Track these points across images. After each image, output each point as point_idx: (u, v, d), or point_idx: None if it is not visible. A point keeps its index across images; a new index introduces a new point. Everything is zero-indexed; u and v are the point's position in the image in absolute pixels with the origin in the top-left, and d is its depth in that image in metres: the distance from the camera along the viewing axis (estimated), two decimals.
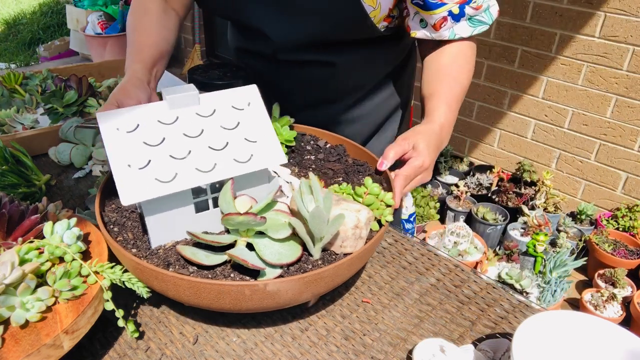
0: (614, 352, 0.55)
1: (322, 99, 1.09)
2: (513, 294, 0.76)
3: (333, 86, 1.06)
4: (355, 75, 1.05)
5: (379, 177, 0.82)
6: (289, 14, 0.92)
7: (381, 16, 0.92)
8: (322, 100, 1.09)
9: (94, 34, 4.01)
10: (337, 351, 0.65)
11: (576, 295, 2.15)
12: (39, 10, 5.41)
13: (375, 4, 0.89)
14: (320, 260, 0.63)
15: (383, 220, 0.69)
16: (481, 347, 0.65)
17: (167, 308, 0.70)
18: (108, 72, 1.54)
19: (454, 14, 0.88)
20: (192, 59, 4.05)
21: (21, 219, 0.66)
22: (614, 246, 2.14)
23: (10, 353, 0.52)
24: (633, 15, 2.04)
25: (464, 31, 0.91)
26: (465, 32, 0.91)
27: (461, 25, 0.91)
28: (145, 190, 0.59)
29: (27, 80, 1.34)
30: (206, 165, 0.63)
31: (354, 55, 1.00)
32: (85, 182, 1.00)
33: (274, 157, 0.66)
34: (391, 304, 0.73)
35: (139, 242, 0.65)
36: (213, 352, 0.64)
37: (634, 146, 2.18)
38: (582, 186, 2.41)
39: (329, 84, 1.06)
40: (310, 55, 1.00)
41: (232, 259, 0.60)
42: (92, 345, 0.64)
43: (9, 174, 0.89)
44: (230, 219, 0.59)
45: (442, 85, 0.91)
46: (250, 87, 0.71)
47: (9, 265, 0.56)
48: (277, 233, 0.62)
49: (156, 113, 0.64)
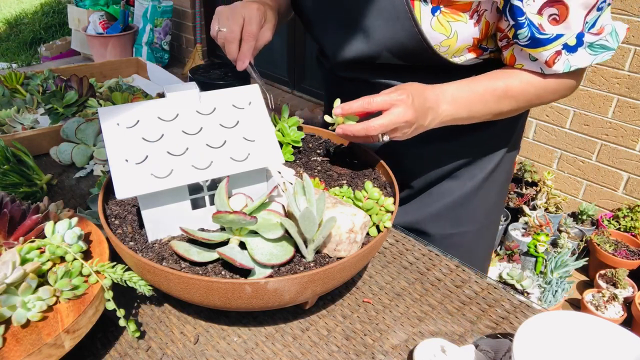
0: (615, 353, 0.55)
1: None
2: (514, 294, 0.76)
3: None
4: None
5: (381, 181, 0.82)
6: (345, 31, 0.86)
7: (460, 46, 0.80)
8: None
9: (96, 33, 4.01)
10: (338, 351, 0.65)
11: (577, 295, 2.15)
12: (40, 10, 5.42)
13: (450, 31, 0.77)
14: (312, 262, 0.63)
15: (382, 226, 0.68)
16: (482, 347, 0.65)
17: (168, 308, 0.70)
18: (109, 72, 1.54)
19: (570, 46, 0.74)
20: (193, 58, 4.05)
21: (22, 218, 0.66)
22: (615, 246, 2.14)
23: (11, 352, 0.52)
24: (635, 15, 2.03)
25: (581, 61, 0.76)
26: (584, 61, 0.76)
27: (579, 55, 0.75)
28: (141, 185, 0.60)
29: (28, 80, 1.34)
30: (202, 163, 0.63)
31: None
32: (87, 181, 1.00)
33: (271, 157, 0.67)
34: (392, 304, 0.73)
35: (137, 236, 0.67)
36: (214, 351, 0.64)
37: (635, 146, 2.18)
38: (583, 186, 2.41)
39: None
40: (367, 75, 0.91)
41: (221, 257, 0.60)
42: (93, 344, 0.64)
43: (10, 173, 0.90)
44: (220, 217, 0.59)
45: (477, 93, 0.80)
46: (251, 87, 0.71)
47: (10, 265, 0.56)
48: (270, 233, 0.62)
49: (157, 110, 0.65)
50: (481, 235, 1.03)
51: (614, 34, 0.76)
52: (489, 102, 0.80)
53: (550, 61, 0.76)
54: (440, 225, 0.99)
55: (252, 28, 0.86)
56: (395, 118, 0.72)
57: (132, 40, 4.12)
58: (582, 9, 0.71)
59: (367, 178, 0.81)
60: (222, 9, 0.87)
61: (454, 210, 0.99)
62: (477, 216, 1.00)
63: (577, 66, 0.76)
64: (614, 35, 0.76)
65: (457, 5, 0.75)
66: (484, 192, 0.99)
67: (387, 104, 0.73)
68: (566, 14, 0.72)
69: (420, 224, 1.00)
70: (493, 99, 0.80)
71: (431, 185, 0.99)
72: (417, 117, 0.74)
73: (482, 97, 0.80)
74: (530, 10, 0.73)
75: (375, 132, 0.73)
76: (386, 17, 0.79)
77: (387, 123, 0.72)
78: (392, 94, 0.73)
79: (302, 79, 3.54)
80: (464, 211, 0.99)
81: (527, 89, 0.80)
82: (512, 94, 0.80)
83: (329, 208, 0.65)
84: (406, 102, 0.73)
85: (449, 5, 0.76)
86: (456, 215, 0.99)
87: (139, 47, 4.10)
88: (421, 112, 0.75)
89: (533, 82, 0.80)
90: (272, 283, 0.57)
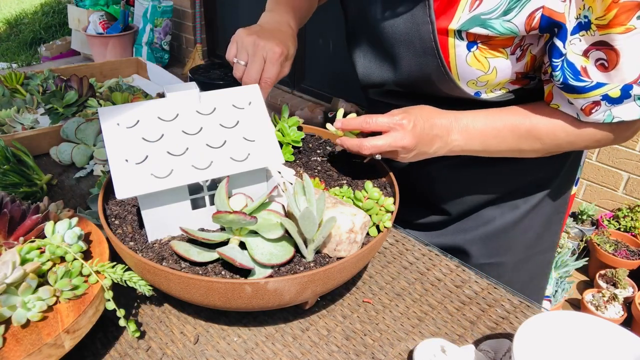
0: (615, 353, 0.55)
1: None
2: (514, 294, 0.76)
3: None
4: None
5: (381, 181, 0.82)
6: (375, 55, 0.84)
7: (501, 81, 0.74)
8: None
9: (96, 33, 4.02)
10: (338, 351, 0.65)
11: (577, 295, 2.15)
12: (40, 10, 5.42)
13: (488, 67, 0.72)
14: (312, 262, 0.63)
15: (382, 226, 0.68)
16: (482, 347, 0.65)
17: (168, 308, 0.70)
18: (109, 72, 1.54)
19: (612, 98, 0.66)
20: (194, 58, 4.05)
21: (22, 218, 0.66)
22: (615, 247, 2.14)
23: (11, 352, 0.52)
24: None
25: (628, 113, 0.68)
26: (632, 114, 0.67)
27: (625, 107, 0.67)
28: (141, 185, 0.60)
29: (28, 80, 1.34)
30: (202, 163, 0.63)
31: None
32: (87, 181, 1.00)
33: (271, 157, 0.67)
34: (392, 304, 0.73)
35: (137, 236, 0.67)
36: (214, 351, 0.64)
37: (635, 146, 2.18)
38: (583, 186, 2.41)
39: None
40: (395, 100, 0.88)
41: (220, 257, 0.60)
42: (93, 344, 0.64)
43: (10, 173, 0.90)
44: (220, 217, 0.59)
45: (495, 128, 0.74)
46: (252, 87, 0.71)
47: (10, 265, 0.56)
48: (270, 233, 0.62)
49: (157, 110, 0.65)
50: (519, 269, 0.96)
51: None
52: (507, 139, 0.75)
53: (586, 109, 0.69)
54: (474, 253, 0.94)
55: (271, 74, 0.82)
56: (392, 142, 0.71)
57: (132, 40, 4.12)
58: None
59: (367, 178, 0.81)
60: (243, 37, 0.82)
61: (491, 240, 0.93)
62: (515, 249, 0.94)
63: (622, 119, 0.68)
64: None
65: (497, 40, 0.69)
66: (525, 225, 0.92)
67: (386, 127, 0.72)
68: (616, 61, 0.64)
69: (456, 247, 0.95)
70: (513, 136, 0.75)
71: (468, 211, 0.94)
72: (417, 143, 0.72)
73: (499, 133, 0.75)
74: (575, 50, 0.66)
75: (367, 152, 0.72)
76: (413, 51, 0.76)
77: (381, 145, 0.71)
78: (394, 117, 0.71)
79: (302, 78, 3.54)
80: (502, 242, 0.93)
81: (556, 133, 0.73)
82: (537, 135, 0.74)
83: (329, 208, 0.65)
84: (406, 127, 0.71)
85: (487, 41, 0.70)
86: (493, 245, 0.93)
87: (139, 47, 4.10)
88: (424, 139, 0.73)
89: (565, 128, 0.73)
90: (272, 283, 0.57)
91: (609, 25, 0.62)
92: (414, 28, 0.74)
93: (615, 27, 0.62)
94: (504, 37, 0.69)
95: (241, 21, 3.91)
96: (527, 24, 0.66)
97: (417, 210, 0.94)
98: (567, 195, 0.96)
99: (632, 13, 0.60)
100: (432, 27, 0.72)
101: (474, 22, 0.69)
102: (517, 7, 0.66)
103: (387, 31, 0.78)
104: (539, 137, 0.74)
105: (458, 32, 0.71)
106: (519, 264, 0.96)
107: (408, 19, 0.75)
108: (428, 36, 0.73)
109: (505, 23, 0.67)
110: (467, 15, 0.69)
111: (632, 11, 0.60)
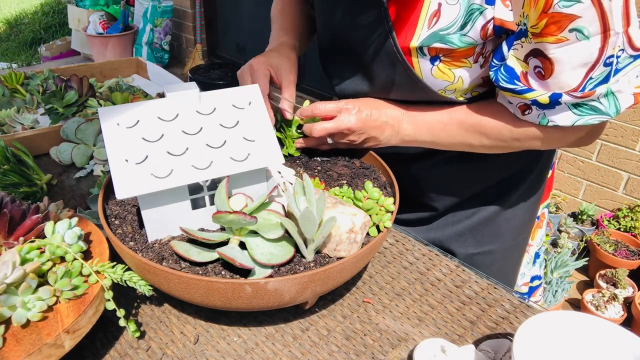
0: (615, 353, 0.55)
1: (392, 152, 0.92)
2: (514, 294, 0.76)
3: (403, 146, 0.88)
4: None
5: (381, 181, 0.82)
6: (353, 66, 0.86)
7: (468, 87, 0.77)
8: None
9: (96, 33, 4.02)
10: (338, 351, 0.65)
11: (577, 295, 2.15)
12: (40, 10, 5.42)
13: (453, 77, 0.75)
14: (312, 262, 0.63)
15: (382, 227, 0.68)
16: (482, 347, 0.65)
17: (168, 308, 0.70)
18: (109, 72, 1.54)
19: (541, 104, 0.69)
20: (194, 58, 4.05)
21: (22, 218, 0.66)
22: (615, 247, 2.14)
23: (11, 352, 0.52)
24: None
25: (562, 119, 0.70)
26: (565, 120, 0.70)
27: (560, 115, 0.70)
28: (141, 185, 0.60)
29: (28, 80, 1.34)
30: (202, 163, 0.63)
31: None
32: (87, 181, 1.00)
33: (271, 157, 0.67)
34: (392, 304, 0.73)
35: (137, 236, 0.67)
36: (214, 351, 0.64)
37: (635, 146, 2.18)
38: (583, 186, 2.41)
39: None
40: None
41: (220, 257, 0.60)
42: (93, 344, 0.64)
43: (10, 173, 0.90)
44: (220, 217, 0.59)
45: (441, 122, 0.80)
46: (252, 87, 0.71)
47: (10, 265, 0.56)
48: (270, 233, 0.62)
49: (157, 110, 0.65)
50: (508, 256, 1.01)
51: (612, 99, 0.67)
52: (454, 132, 0.80)
53: (520, 109, 0.73)
54: (464, 244, 0.98)
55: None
56: (338, 124, 0.79)
57: (132, 40, 4.12)
58: (580, 67, 0.65)
59: (367, 178, 0.81)
60: (259, 70, 0.86)
61: (478, 230, 0.97)
62: (503, 237, 0.98)
63: (556, 123, 0.71)
64: (610, 99, 0.67)
65: (458, 52, 0.72)
66: (510, 213, 0.96)
67: (334, 112, 0.80)
68: (552, 70, 0.66)
69: (445, 242, 0.98)
70: (459, 130, 0.79)
71: (455, 205, 0.97)
72: (363, 127, 0.79)
73: (445, 126, 0.80)
74: (518, 55, 0.69)
75: (317, 134, 0.79)
76: (380, 63, 0.80)
77: (329, 127, 0.79)
78: (340, 102, 0.80)
79: (302, 78, 3.54)
80: (489, 231, 0.97)
81: (500, 129, 0.77)
82: (482, 131, 0.78)
83: (329, 208, 0.65)
84: (350, 110, 0.79)
85: (448, 54, 0.73)
86: (481, 234, 0.97)
87: (139, 47, 4.10)
88: (372, 124, 0.80)
89: (508, 125, 0.76)
90: (272, 283, 0.57)
91: (542, 34, 0.64)
92: (379, 42, 0.78)
93: (546, 36, 0.64)
94: (464, 49, 0.72)
95: (241, 21, 3.91)
96: (482, 35, 0.69)
97: (404, 206, 0.96)
98: (545, 179, 1.01)
99: (562, 24, 0.62)
100: (393, 41, 0.75)
101: (434, 39, 0.72)
102: (470, 21, 0.69)
103: (361, 45, 0.81)
104: (484, 132, 0.79)
105: (420, 49, 0.74)
106: (508, 251, 1.00)
107: (368, 34, 0.78)
108: (392, 49, 0.76)
109: (463, 37, 0.70)
110: (426, 32, 0.72)
111: (560, 22, 0.62)
